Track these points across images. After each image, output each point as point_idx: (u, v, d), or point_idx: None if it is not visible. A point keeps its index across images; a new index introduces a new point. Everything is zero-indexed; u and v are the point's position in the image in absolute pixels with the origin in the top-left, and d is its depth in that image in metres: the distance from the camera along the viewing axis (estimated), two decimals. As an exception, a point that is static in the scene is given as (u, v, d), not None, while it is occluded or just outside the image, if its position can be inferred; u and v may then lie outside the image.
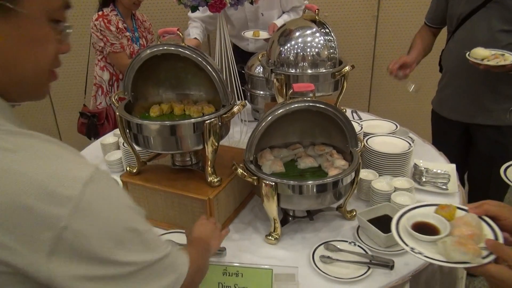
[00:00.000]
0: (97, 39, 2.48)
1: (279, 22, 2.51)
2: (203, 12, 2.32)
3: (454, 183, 1.62)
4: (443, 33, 2.24)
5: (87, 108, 2.69)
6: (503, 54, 1.79)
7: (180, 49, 1.36)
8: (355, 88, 3.60)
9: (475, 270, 0.85)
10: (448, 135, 2.24)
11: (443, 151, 1.92)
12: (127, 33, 2.52)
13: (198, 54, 1.36)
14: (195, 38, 2.49)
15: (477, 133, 2.12)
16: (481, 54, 1.80)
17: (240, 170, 1.32)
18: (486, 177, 2.11)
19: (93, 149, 2.10)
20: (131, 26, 2.58)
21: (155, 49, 1.37)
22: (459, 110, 2.12)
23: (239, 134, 1.99)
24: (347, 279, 1.20)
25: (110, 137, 2.04)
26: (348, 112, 2.26)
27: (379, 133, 1.86)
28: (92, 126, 2.60)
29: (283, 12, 2.66)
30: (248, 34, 2.47)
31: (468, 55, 1.83)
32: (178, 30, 1.40)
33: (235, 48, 2.73)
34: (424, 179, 1.65)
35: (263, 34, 2.45)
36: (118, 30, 2.47)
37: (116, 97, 1.48)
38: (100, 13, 2.46)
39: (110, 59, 2.57)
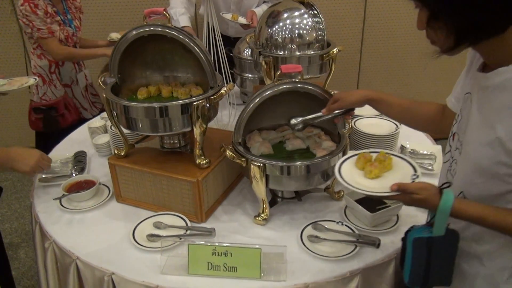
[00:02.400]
0: (24, 26, 2.32)
1: (258, 11, 2.47)
2: None
3: (439, 164, 1.65)
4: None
5: (36, 102, 2.48)
6: None
7: (166, 30, 1.34)
8: (343, 71, 3.60)
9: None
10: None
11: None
12: (58, 18, 2.37)
13: (185, 35, 1.34)
14: (188, 26, 2.41)
15: None
16: None
17: (228, 152, 1.33)
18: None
19: (81, 133, 2.08)
20: (62, 8, 2.42)
21: (141, 30, 1.35)
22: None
23: (227, 117, 1.99)
24: (335, 257, 1.22)
25: (97, 121, 2.02)
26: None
27: (367, 115, 1.87)
28: (51, 119, 2.45)
29: (264, 2, 2.63)
30: (227, 16, 2.40)
31: None
32: (164, 10, 1.38)
33: None
34: (410, 160, 1.67)
35: (241, 20, 2.39)
36: (48, 15, 2.31)
37: (102, 79, 1.47)
38: None
39: (42, 45, 2.40)
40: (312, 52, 1.69)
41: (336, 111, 1.33)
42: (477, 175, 0.94)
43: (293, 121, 1.39)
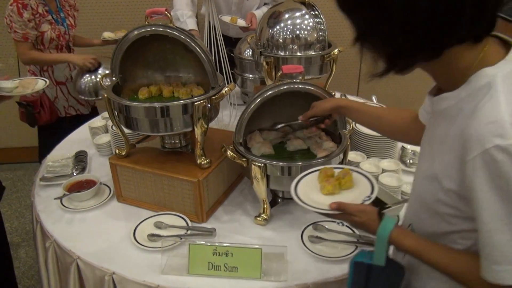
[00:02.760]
0: (6, 25, 2.32)
1: (257, 13, 2.45)
2: None
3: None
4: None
5: (24, 97, 2.47)
6: None
7: (168, 30, 1.34)
8: (344, 72, 3.60)
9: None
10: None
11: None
12: (49, 17, 2.36)
13: (187, 35, 1.35)
14: (195, 29, 2.36)
15: None
16: None
17: (229, 152, 1.33)
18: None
19: (81, 133, 2.08)
20: (55, 7, 2.42)
21: (143, 30, 1.35)
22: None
23: (228, 118, 1.99)
24: (335, 258, 1.22)
25: (98, 121, 2.02)
26: (337, 96, 2.26)
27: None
28: (30, 115, 2.48)
29: (265, 4, 2.62)
30: (226, 18, 2.36)
31: None
32: (166, 10, 1.39)
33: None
34: (411, 161, 1.68)
35: (240, 22, 2.36)
36: (37, 15, 2.30)
37: (103, 79, 1.47)
38: None
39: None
40: (313, 53, 1.69)
41: (312, 118, 1.35)
42: (421, 210, 0.87)
43: (275, 126, 1.47)
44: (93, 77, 2.40)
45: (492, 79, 0.71)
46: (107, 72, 2.11)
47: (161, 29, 1.35)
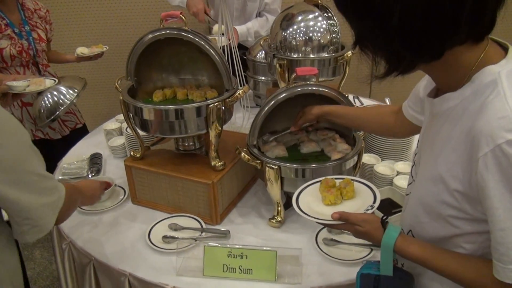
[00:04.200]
0: None
1: (241, 28, 2.41)
2: None
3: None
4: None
5: None
6: None
7: (183, 33, 1.35)
8: (356, 74, 3.58)
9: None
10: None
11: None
12: (8, 31, 2.07)
13: (201, 38, 1.36)
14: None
15: None
16: None
17: (244, 154, 1.33)
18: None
19: (96, 135, 2.10)
20: (18, 19, 2.14)
21: (157, 33, 1.36)
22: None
23: (241, 120, 2.00)
24: (350, 261, 1.21)
25: (113, 123, 2.04)
26: (350, 98, 2.25)
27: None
28: None
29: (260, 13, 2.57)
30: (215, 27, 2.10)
31: None
32: (181, 13, 1.40)
33: None
34: (425, 164, 1.66)
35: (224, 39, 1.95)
36: None
37: (118, 82, 1.48)
38: None
39: None
40: (327, 55, 1.69)
41: (304, 125, 1.40)
42: (423, 213, 0.84)
43: (265, 138, 1.47)
44: (46, 100, 2.00)
45: (497, 76, 0.71)
46: (64, 89, 2.03)
47: (175, 32, 1.36)
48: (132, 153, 1.51)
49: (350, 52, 1.70)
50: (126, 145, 1.84)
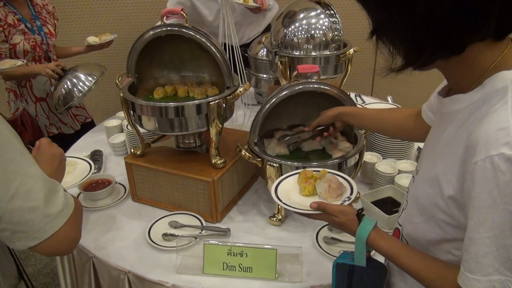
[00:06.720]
0: None
1: None
2: None
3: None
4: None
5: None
6: None
7: (183, 30, 1.34)
8: (358, 72, 3.57)
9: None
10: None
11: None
12: (21, 26, 2.10)
13: (202, 35, 1.35)
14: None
15: None
16: None
17: (244, 152, 1.33)
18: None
19: (97, 132, 2.10)
20: (29, 15, 2.17)
21: (158, 30, 1.35)
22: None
23: (242, 118, 1.99)
24: (351, 260, 1.21)
25: (114, 120, 2.04)
26: (352, 96, 2.24)
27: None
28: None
29: None
30: None
31: None
32: (182, 10, 1.39)
33: None
34: (427, 162, 1.65)
35: (252, 3, 2.17)
36: (7, 26, 2.06)
37: (119, 78, 1.48)
38: None
39: None
40: (328, 53, 1.68)
41: (319, 127, 1.34)
42: (416, 213, 0.82)
43: (286, 140, 1.45)
44: (65, 86, 2.06)
45: (509, 83, 0.68)
46: (83, 76, 2.07)
47: (176, 29, 1.35)
48: (132, 150, 1.51)
49: (352, 50, 1.69)
50: (126, 142, 1.83)
